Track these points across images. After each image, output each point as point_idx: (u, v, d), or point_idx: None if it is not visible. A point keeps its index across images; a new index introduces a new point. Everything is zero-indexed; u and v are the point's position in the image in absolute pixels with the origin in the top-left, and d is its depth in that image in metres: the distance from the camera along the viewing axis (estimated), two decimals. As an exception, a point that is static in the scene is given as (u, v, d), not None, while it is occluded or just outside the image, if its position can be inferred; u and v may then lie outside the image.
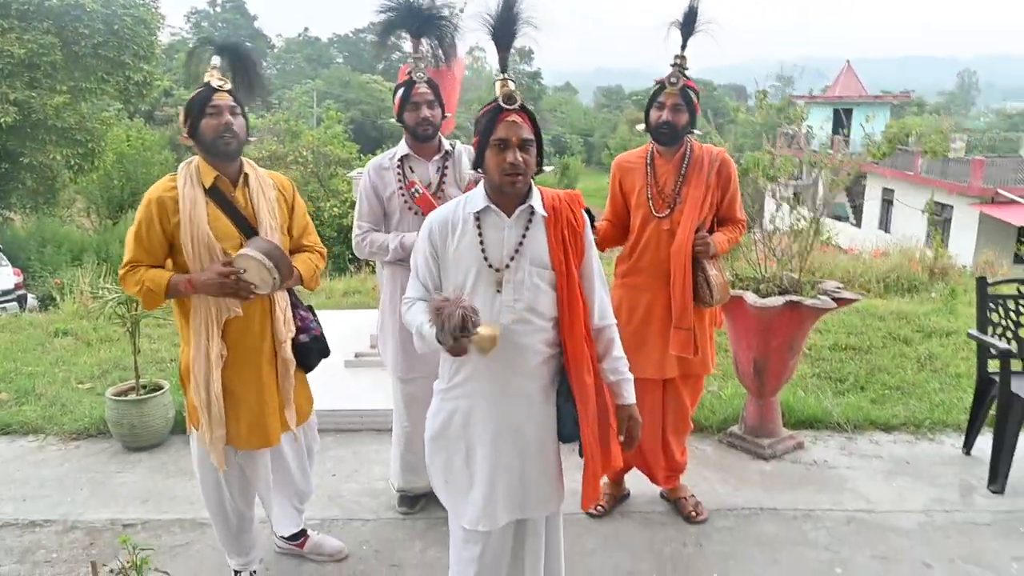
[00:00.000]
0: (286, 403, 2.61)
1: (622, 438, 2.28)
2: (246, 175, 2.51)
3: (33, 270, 15.53)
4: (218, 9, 66.86)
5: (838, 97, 32.48)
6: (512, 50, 2.24)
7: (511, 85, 2.08)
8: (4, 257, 13.42)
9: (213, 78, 2.42)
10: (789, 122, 4.35)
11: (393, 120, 3.12)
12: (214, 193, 2.43)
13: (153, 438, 3.95)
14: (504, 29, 2.15)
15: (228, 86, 2.43)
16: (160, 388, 4.02)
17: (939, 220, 23.12)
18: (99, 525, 3.25)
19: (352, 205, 16.71)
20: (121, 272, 2.43)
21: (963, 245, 21.11)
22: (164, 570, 2.29)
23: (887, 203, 26.11)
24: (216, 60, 2.46)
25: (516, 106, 2.07)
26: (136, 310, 3.90)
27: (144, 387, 4.01)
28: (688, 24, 2.94)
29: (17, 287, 12.95)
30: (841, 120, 31.28)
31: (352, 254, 3.84)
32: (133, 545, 1.91)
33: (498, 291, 2.10)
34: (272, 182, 2.60)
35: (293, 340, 2.63)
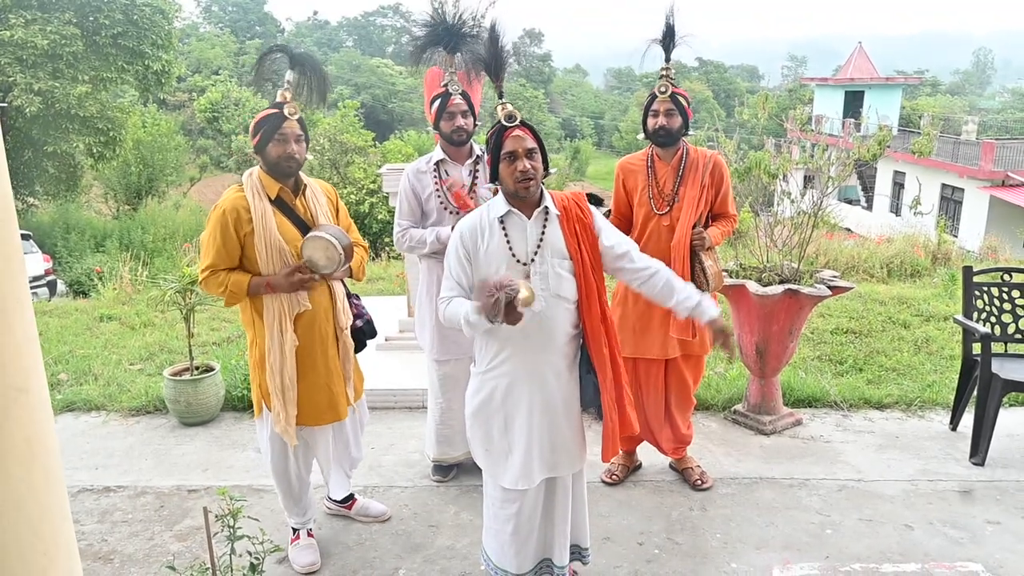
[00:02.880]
0: (347, 381, 3.01)
1: (723, 351, 2.50)
2: (304, 186, 2.89)
3: (60, 256, 15.99)
4: (228, -7, 66.95)
5: (850, 79, 32.48)
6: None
7: (509, 107, 2.48)
8: (34, 243, 13.87)
9: (287, 104, 2.75)
10: (801, 104, 4.64)
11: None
12: (278, 203, 2.80)
13: (207, 414, 4.34)
14: (494, 63, 2.58)
15: (298, 115, 2.77)
16: (211, 369, 4.40)
17: (936, 209, 23.18)
18: (166, 490, 3.64)
19: (368, 193, 17.13)
20: (202, 276, 2.78)
21: (974, 229, 21.25)
22: (254, 517, 2.64)
23: (898, 186, 26.22)
24: (290, 74, 2.80)
25: (517, 122, 2.44)
26: (191, 299, 4.26)
27: (197, 368, 4.39)
28: (668, 39, 3.28)
29: (47, 273, 13.40)
30: (852, 103, 31.35)
31: (371, 240, 4.22)
32: (231, 496, 2.28)
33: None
34: (321, 189, 2.98)
35: (351, 325, 3.01)
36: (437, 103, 3.34)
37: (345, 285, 3.09)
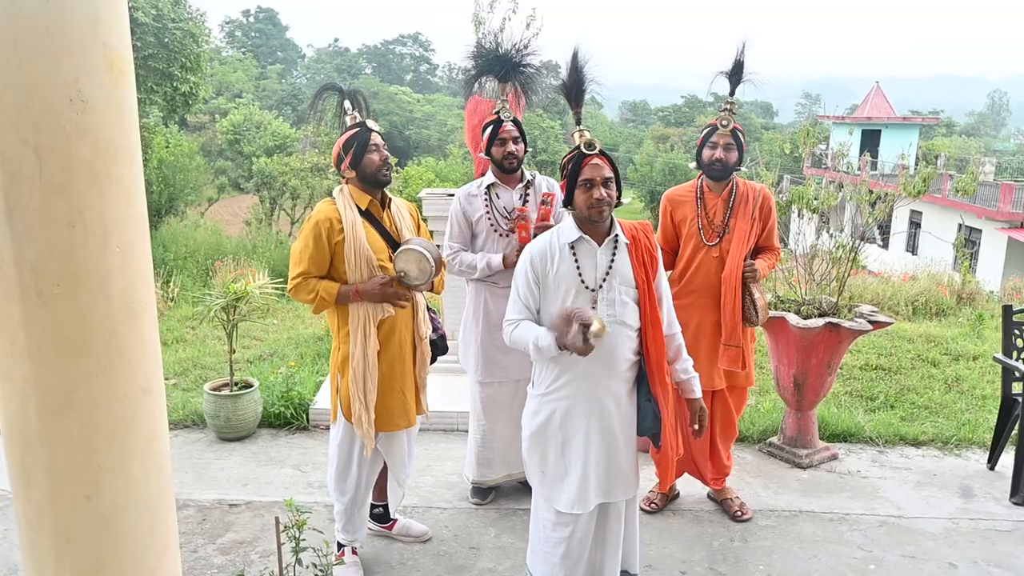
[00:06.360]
0: (422, 389, 3.09)
1: (696, 427, 2.66)
2: (390, 200, 3.02)
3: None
4: (251, 19, 68.34)
5: (867, 118, 32.66)
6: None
7: (588, 134, 2.53)
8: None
9: (370, 122, 2.91)
10: (816, 142, 4.70)
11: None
12: (367, 215, 2.91)
13: (244, 430, 4.37)
14: (575, 89, 2.65)
15: (379, 128, 2.92)
16: (250, 386, 4.44)
17: (968, 248, 23.11)
18: (208, 504, 3.66)
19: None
20: (294, 283, 2.85)
21: (991, 270, 21.18)
22: (318, 529, 2.65)
23: (915, 225, 26.20)
24: (348, 104, 2.95)
25: (596, 151, 2.48)
26: (234, 315, 4.31)
27: (236, 384, 4.43)
28: (736, 75, 3.34)
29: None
30: (869, 141, 31.48)
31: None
32: (297, 508, 2.30)
33: (593, 307, 2.48)
34: (404, 205, 3.10)
35: None
36: (489, 130, 3.41)
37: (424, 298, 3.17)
